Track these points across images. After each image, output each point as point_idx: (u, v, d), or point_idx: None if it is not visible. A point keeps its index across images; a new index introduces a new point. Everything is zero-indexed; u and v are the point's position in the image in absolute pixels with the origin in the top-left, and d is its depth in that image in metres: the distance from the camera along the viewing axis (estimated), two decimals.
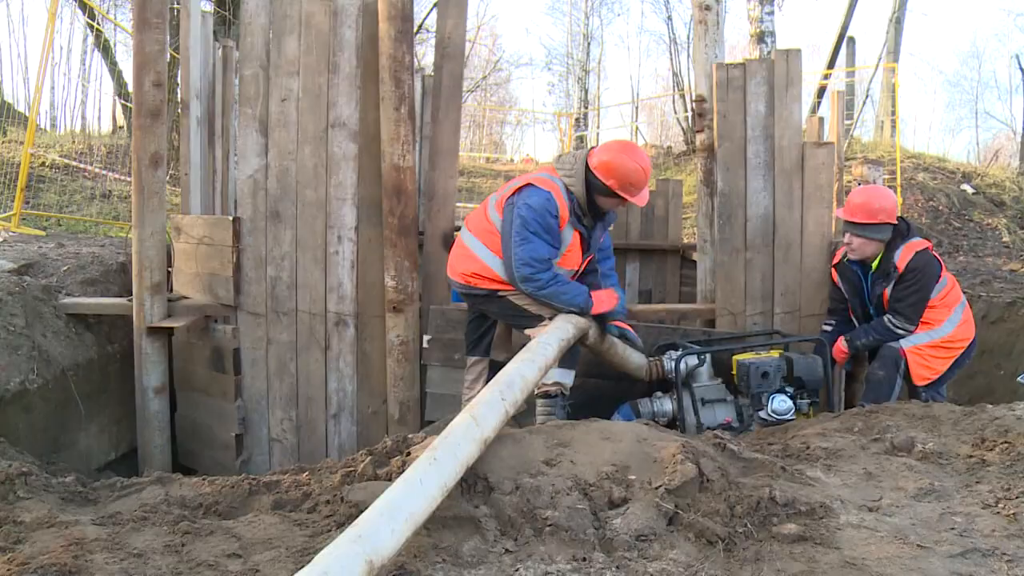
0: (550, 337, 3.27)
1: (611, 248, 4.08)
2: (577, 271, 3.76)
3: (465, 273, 3.70)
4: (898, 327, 4.17)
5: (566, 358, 3.53)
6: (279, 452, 4.38)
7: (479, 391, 3.75)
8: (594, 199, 3.60)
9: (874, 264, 4.28)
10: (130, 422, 4.34)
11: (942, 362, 4.21)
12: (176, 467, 4.28)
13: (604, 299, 3.59)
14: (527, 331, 3.64)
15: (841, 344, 4.41)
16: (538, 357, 3.07)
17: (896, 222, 4.23)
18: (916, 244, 4.19)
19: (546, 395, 3.63)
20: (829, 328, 4.54)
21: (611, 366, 3.91)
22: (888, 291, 4.23)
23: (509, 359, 3.66)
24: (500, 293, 3.63)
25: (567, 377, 3.66)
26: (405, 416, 4.29)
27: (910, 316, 4.15)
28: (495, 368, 3.78)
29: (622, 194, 3.53)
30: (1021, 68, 19.29)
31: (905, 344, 4.18)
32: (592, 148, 3.67)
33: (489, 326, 3.95)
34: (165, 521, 2.32)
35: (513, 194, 3.57)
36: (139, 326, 4.11)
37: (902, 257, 4.15)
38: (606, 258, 4.00)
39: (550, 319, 3.52)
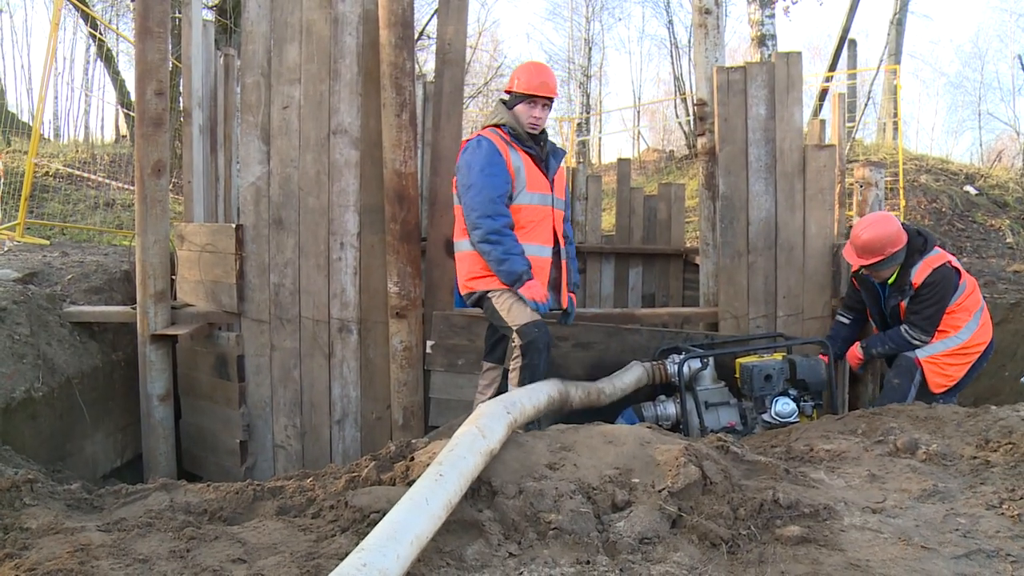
0: (543, 386, 3.30)
1: (572, 235, 4.10)
2: (553, 197, 3.77)
3: (462, 279, 3.76)
4: (914, 338, 4.18)
5: None
6: (283, 458, 4.39)
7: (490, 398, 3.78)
8: (522, 119, 3.72)
9: (891, 280, 4.28)
10: (135, 429, 4.36)
11: (959, 368, 4.21)
12: (181, 474, 4.30)
13: (535, 287, 3.57)
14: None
15: (856, 350, 4.44)
16: (534, 396, 3.10)
17: (905, 243, 4.16)
18: (934, 260, 4.16)
19: None
20: (847, 321, 4.57)
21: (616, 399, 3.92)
22: (904, 303, 4.23)
23: None
24: (489, 294, 3.65)
25: None
26: (409, 421, 4.30)
27: (925, 328, 4.16)
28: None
29: (530, 90, 3.68)
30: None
31: (921, 354, 4.18)
32: None
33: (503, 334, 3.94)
34: (170, 527, 2.33)
35: (455, 164, 3.75)
36: (143, 334, 4.13)
37: (918, 274, 4.14)
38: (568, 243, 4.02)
39: (516, 337, 3.51)
